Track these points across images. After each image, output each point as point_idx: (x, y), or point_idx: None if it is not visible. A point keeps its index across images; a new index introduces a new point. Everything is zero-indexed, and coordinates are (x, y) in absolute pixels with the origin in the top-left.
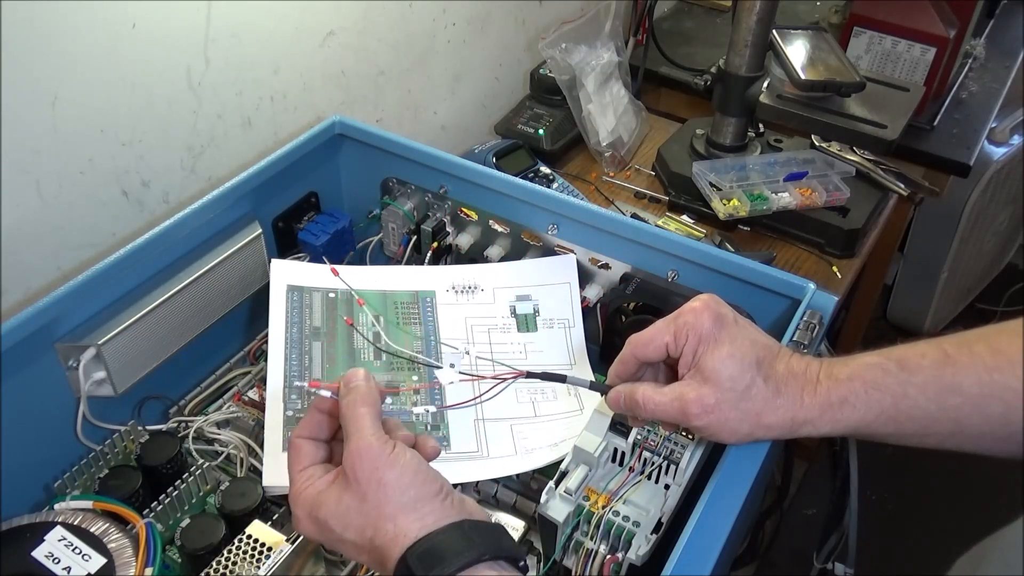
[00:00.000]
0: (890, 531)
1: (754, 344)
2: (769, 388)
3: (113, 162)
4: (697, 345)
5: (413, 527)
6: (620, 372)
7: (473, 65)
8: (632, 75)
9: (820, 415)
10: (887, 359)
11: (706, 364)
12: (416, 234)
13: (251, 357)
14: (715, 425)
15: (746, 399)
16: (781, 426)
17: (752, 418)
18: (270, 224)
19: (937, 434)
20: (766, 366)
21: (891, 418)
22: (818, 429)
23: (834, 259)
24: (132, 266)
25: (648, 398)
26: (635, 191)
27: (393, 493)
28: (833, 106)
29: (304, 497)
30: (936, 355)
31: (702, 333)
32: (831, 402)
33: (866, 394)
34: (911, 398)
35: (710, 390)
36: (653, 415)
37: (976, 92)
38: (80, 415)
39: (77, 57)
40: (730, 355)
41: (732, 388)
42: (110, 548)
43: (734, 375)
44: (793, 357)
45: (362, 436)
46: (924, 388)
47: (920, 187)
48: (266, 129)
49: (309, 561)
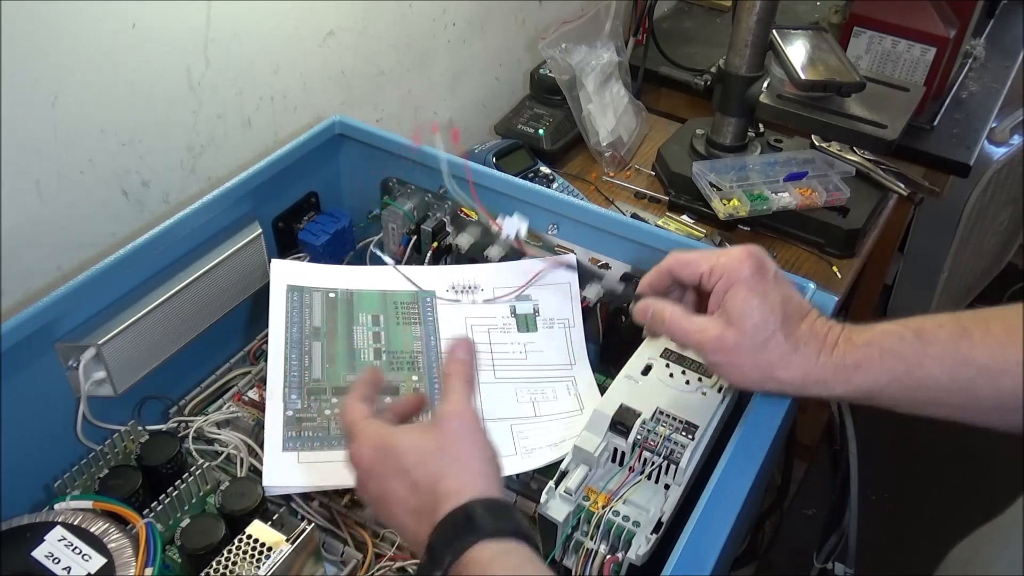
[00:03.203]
0: (890, 531)
1: (785, 301)
2: (788, 344)
3: (113, 162)
4: (729, 287)
5: (479, 486)
6: (652, 282)
7: (473, 65)
8: (632, 75)
9: (834, 375)
10: (905, 328)
11: (734, 308)
12: (416, 234)
13: (251, 357)
14: (727, 366)
15: (763, 350)
16: (792, 382)
17: (765, 369)
18: (270, 224)
19: (948, 405)
20: (791, 323)
21: (904, 385)
22: (830, 390)
23: (834, 259)
24: (132, 266)
25: (675, 319)
26: (635, 191)
27: (472, 455)
28: (833, 106)
29: (373, 429)
30: (953, 327)
31: (740, 277)
32: (846, 364)
33: (881, 360)
34: (925, 367)
35: (732, 333)
36: (672, 335)
37: (976, 92)
38: (80, 415)
39: (77, 57)
40: (759, 306)
41: (753, 337)
42: (110, 548)
43: (757, 325)
44: (818, 320)
45: (461, 400)
46: (939, 358)
47: (920, 187)
48: (266, 129)
49: (309, 561)
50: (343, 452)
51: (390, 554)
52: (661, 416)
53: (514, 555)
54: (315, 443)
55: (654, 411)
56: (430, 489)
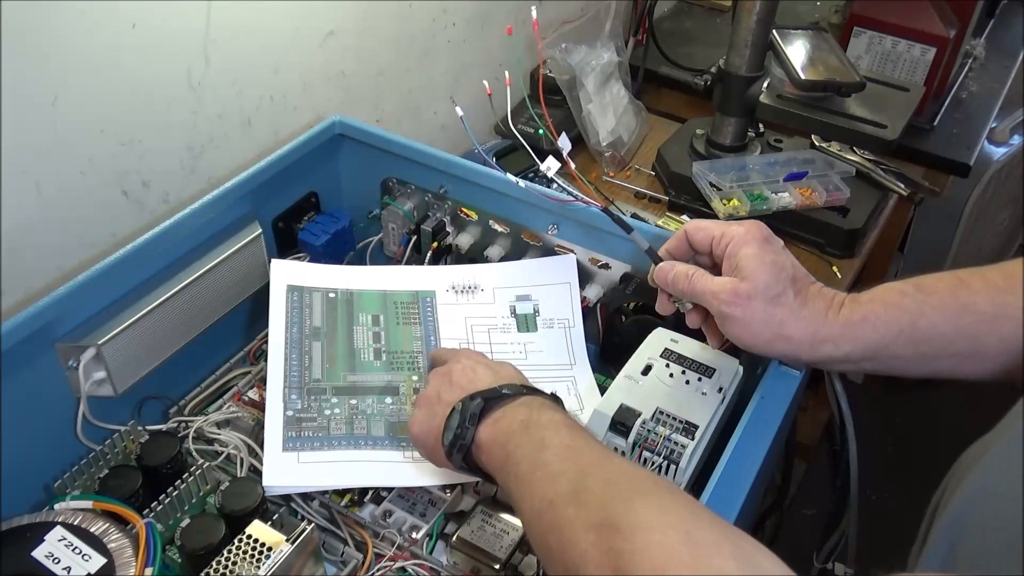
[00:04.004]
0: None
1: (793, 265)
2: (798, 300)
3: (113, 162)
4: (740, 249)
5: None
6: (671, 248)
7: (473, 65)
8: (632, 75)
9: (842, 333)
10: (906, 284)
11: (747, 264)
12: (416, 234)
13: (251, 357)
14: (740, 319)
15: (775, 304)
16: (801, 339)
17: (775, 326)
18: (270, 224)
19: (954, 355)
20: (799, 284)
21: (909, 338)
22: (838, 348)
23: (834, 259)
24: (132, 266)
25: (697, 276)
26: (635, 191)
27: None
28: (833, 106)
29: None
30: (951, 280)
31: (749, 240)
32: (852, 320)
33: (886, 313)
34: (928, 317)
35: (747, 285)
36: (692, 292)
37: (976, 92)
38: (80, 415)
39: (77, 57)
40: (771, 264)
41: (765, 291)
42: (110, 548)
43: (769, 281)
44: (824, 287)
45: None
46: (940, 308)
47: (920, 187)
48: (266, 129)
49: (309, 561)
50: (343, 452)
51: (390, 554)
52: (661, 416)
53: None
54: (315, 443)
55: (654, 411)
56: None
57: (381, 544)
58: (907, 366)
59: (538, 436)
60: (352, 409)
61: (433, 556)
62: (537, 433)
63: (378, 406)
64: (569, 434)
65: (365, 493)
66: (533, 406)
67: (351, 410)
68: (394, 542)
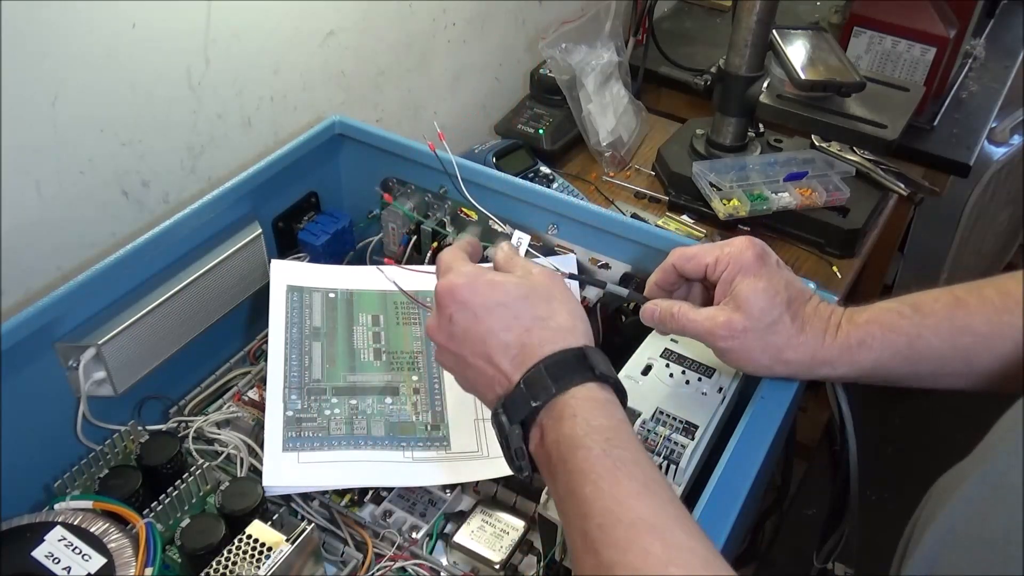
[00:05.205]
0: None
1: (788, 285)
2: (795, 326)
3: (113, 162)
4: (736, 274)
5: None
6: (659, 280)
7: (473, 65)
8: (632, 75)
9: (839, 356)
10: (902, 304)
11: (741, 293)
12: (416, 234)
13: (251, 357)
14: (738, 350)
15: (772, 332)
16: (800, 363)
17: (773, 352)
18: (270, 224)
19: (950, 374)
20: (795, 306)
21: (906, 358)
22: (836, 370)
23: (834, 259)
24: (132, 266)
25: (683, 313)
26: (635, 191)
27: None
28: (833, 106)
29: (471, 267)
30: (948, 299)
31: (743, 264)
32: (850, 344)
33: (883, 335)
34: (925, 338)
35: (740, 317)
36: (683, 329)
37: (976, 92)
38: (80, 415)
39: (77, 57)
40: (765, 289)
41: (760, 319)
42: (110, 548)
43: (764, 308)
44: (821, 303)
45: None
46: (937, 329)
47: (920, 187)
48: (266, 129)
49: (309, 561)
50: (343, 452)
51: (390, 554)
52: (661, 416)
53: (617, 407)
54: (315, 443)
55: (654, 411)
56: (532, 327)
57: (381, 544)
58: (901, 382)
59: (582, 456)
60: (352, 409)
61: (433, 556)
62: (582, 452)
63: (378, 406)
64: (611, 461)
65: (365, 493)
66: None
67: (351, 410)
68: (394, 542)
